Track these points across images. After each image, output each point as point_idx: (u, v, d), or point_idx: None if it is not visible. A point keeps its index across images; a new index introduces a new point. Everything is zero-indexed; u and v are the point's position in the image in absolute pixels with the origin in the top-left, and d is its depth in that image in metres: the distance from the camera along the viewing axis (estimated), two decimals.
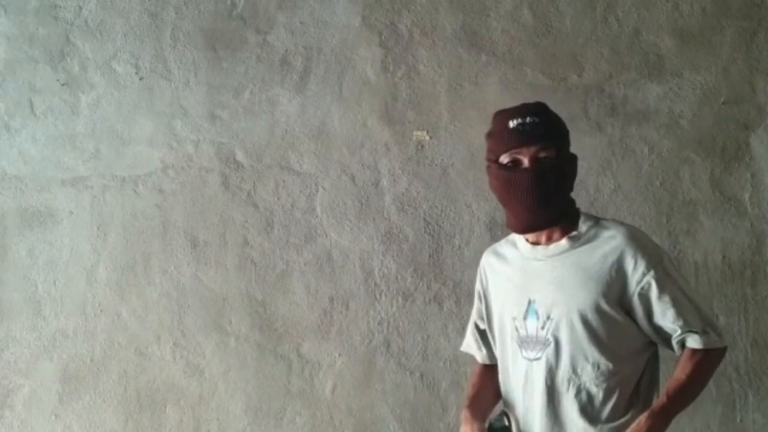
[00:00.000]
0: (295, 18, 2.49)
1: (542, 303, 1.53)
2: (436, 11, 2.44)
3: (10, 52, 2.56)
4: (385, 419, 2.33)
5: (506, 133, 1.53)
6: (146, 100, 2.51)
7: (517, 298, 1.58)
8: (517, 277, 1.60)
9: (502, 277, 1.64)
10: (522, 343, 1.57)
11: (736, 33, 2.35)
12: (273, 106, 2.46)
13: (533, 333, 1.54)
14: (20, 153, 2.52)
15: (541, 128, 1.51)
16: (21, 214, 2.49)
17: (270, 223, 2.42)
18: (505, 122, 1.54)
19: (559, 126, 1.58)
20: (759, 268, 2.27)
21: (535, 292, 1.55)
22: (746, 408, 2.23)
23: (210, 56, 2.50)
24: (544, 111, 1.57)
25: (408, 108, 2.42)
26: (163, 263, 2.43)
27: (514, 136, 1.51)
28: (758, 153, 2.31)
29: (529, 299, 1.55)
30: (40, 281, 2.46)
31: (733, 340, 2.24)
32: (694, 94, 2.34)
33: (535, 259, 1.57)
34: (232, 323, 2.40)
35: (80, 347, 2.42)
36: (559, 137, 1.56)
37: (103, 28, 2.54)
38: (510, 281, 1.61)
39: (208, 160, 2.47)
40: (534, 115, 1.53)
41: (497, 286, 1.66)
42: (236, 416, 2.37)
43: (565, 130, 1.58)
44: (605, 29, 2.39)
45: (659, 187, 2.32)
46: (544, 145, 1.51)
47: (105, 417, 2.39)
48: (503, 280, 1.64)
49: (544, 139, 1.51)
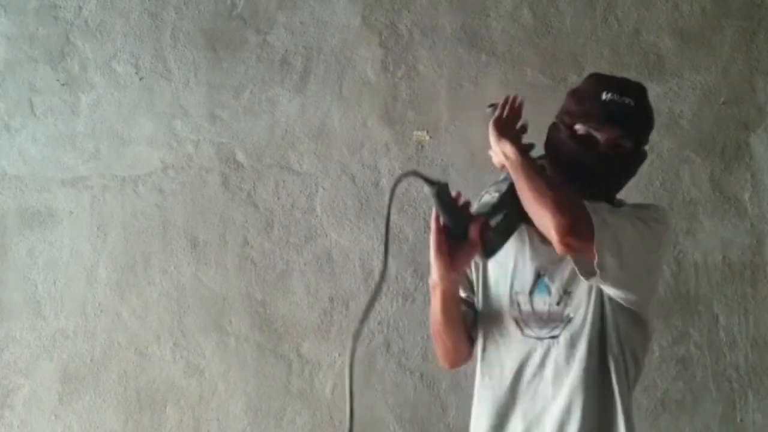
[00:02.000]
0: (295, 18, 2.49)
1: (556, 278, 1.42)
2: (436, 11, 2.44)
3: (10, 52, 2.56)
4: (385, 419, 2.33)
5: (595, 103, 1.38)
6: (146, 100, 2.51)
7: (523, 269, 1.45)
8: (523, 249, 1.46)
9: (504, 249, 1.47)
10: (525, 319, 1.43)
11: (736, 33, 2.35)
12: (273, 106, 2.46)
13: (543, 309, 1.42)
14: (20, 153, 2.52)
15: (632, 114, 1.37)
16: (21, 214, 2.49)
17: (270, 223, 2.42)
18: (599, 90, 1.39)
19: (650, 119, 1.43)
20: (759, 268, 2.27)
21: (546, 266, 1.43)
22: (746, 408, 2.23)
23: (210, 56, 2.50)
24: (642, 96, 1.42)
25: (408, 108, 2.42)
26: (163, 263, 2.43)
27: (602, 110, 1.36)
28: (758, 153, 2.31)
29: (539, 273, 1.43)
30: (40, 281, 2.46)
31: (732, 340, 2.25)
32: (694, 94, 2.35)
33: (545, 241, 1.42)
34: (232, 323, 2.40)
35: (80, 347, 2.42)
36: (644, 131, 1.42)
37: (103, 28, 2.54)
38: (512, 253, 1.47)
39: (208, 160, 2.47)
40: (631, 97, 1.38)
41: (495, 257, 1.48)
42: (236, 416, 2.37)
43: (653, 125, 1.45)
44: (605, 29, 2.39)
45: (659, 187, 2.32)
46: (626, 132, 1.37)
47: (105, 417, 2.39)
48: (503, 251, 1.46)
49: (629, 127, 1.37)
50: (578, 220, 1.27)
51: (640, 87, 1.44)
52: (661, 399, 2.24)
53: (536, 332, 1.42)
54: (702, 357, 2.25)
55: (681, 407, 2.24)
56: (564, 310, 1.40)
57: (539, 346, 1.42)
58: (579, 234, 1.26)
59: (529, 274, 1.44)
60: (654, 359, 2.24)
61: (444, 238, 1.36)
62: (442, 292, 1.41)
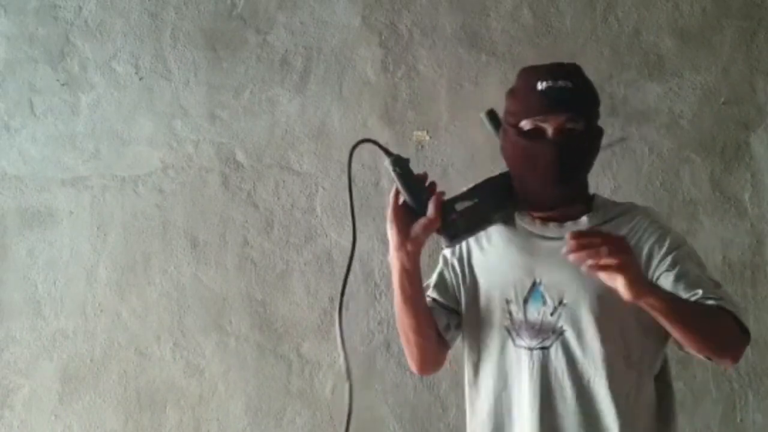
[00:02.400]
0: (295, 18, 2.49)
1: (552, 286, 1.35)
2: (436, 11, 2.44)
3: (10, 52, 2.56)
4: (385, 419, 2.33)
5: (532, 95, 1.33)
6: (146, 100, 2.51)
7: (516, 278, 1.38)
8: (518, 255, 1.40)
9: (491, 254, 1.44)
10: (517, 329, 1.37)
11: (736, 33, 2.35)
12: (273, 106, 2.46)
13: (536, 319, 1.35)
14: (20, 153, 2.52)
15: (572, 95, 1.32)
16: (21, 214, 2.49)
17: (270, 223, 2.42)
18: (532, 82, 1.34)
19: (593, 95, 1.37)
20: (759, 268, 2.27)
21: (543, 273, 1.36)
22: (746, 408, 2.23)
23: (210, 56, 2.50)
24: (577, 75, 1.36)
25: (408, 108, 2.42)
26: (163, 263, 2.43)
27: (541, 100, 1.31)
28: (758, 153, 2.31)
29: (534, 281, 1.36)
30: (40, 281, 2.46)
31: None
32: (694, 94, 2.34)
33: (544, 237, 1.38)
34: (232, 323, 2.40)
35: (80, 347, 2.42)
36: (591, 108, 1.37)
37: (103, 28, 2.54)
38: (505, 259, 1.41)
39: (208, 160, 2.47)
40: (566, 79, 1.32)
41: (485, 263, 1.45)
42: (236, 416, 2.37)
43: (598, 99, 1.38)
44: (605, 29, 2.39)
45: (659, 187, 2.32)
46: (573, 115, 1.32)
47: (105, 417, 2.39)
48: (494, 256, 1.43)
49: (574, 109, 1.32)
50: (743, 346, 1.32)
51: (573, 66, 1.39)
52: None
53: (527, 342, 1.36)
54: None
55: (681, 407, 2.22)
56: (557, 322, 1.35)
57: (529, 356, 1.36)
58: (745, 348, 1.33)
59: (523, 280, 1.38)
60: None
61: (402, 210, 1.31)
62: (397, 268, 1.34)
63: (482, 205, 1.34)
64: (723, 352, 1.29)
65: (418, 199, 1.31)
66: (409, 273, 1.35)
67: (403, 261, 1.33)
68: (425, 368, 1.49)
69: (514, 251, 1.41)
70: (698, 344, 1.26)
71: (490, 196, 1.35)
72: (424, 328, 1.41)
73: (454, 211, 1.32)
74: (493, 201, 1.36)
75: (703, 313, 1.26)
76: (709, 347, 1.26)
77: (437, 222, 1.30)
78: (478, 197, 1.34)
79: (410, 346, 1.43)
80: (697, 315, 1.25)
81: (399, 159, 1.31)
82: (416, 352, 1.43)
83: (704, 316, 1.26)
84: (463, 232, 1.35)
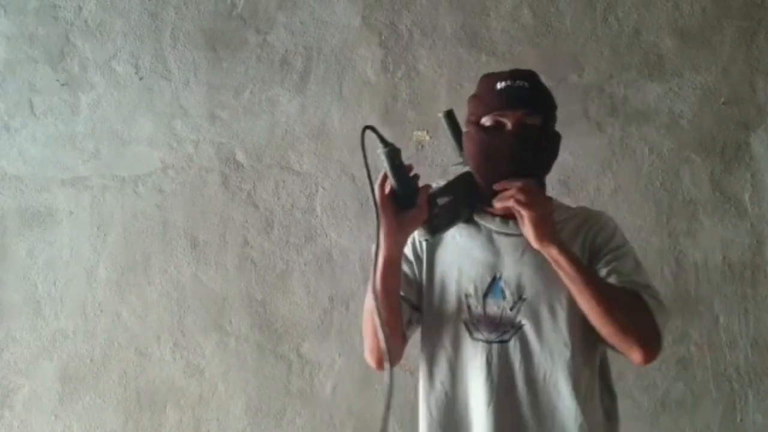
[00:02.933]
0: (295, 18, 2.49)
1: (512, 281, 1.40)
2: (436, 11, 2.44)
3: (10, 52, 2.56)
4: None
5: (492, 94, 1.41)
6: (146, 100, 2.51)
7: (475, 272, 1.43)
8: (479, 250, 1.44)
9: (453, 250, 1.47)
10: (475, 322, 1.41)
11: (736, 33, 2.35)
12: (273, 106, 2.46)
13: (496, 313, 1.40)
14: (20, 153, 2.52)
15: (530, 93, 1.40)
16: (21, 214, 2.49)
17: (270, 223, 2.42)
18: (492, 84, 1.42)
19: (549, 97, 1.45)
20: (759, 268, 2.27)
21: (503, 268, 1.41)
22: (746, 408, 2.23)
23: (210, 56, 2.50)
24: (534, 78, 1.45)
25: (408, 108, 2.42)
26: (163, 263, 2.43)
27: (500, 97, 1.40)
28: (758, 153, 2.31)
29: (495, 276, 1.41)
30: (40, 281, 2.46)
31: (733, 340, 2.25)
32: (694, 94, 2.34)
33: (504, 234, 1.43)
34: (232, 323, 2.40)
35: (80, 347, 2.42)
36: (548, 107, 1.44)
37: (103, 28, 2.54)
38: (466, 255, 1.45)
39: (208, 160, 2.47)
40: (524, 80, 1.41)
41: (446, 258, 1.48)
42: (236, 416, 2.37)
43: (554, 103, 1.46)
44: (605, 29, 2.39)
45: (659, 187, 2.32)
46: (530, 111, 1.39)
47: (105, 417, 2.39)
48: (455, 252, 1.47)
49: (531, 105, 1.40)
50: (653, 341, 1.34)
51: (531, 72, 1.46)
52: (661, 399, 2.24)
53: (485, 335, 1.40)
54: (702, 357, 2.25)
55: (681, 407, 2.24)
56: (516, 316, 1.39)
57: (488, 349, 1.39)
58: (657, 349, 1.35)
59: (483, 275, 1.42)
60: None
61: (389, 198, 1.33)
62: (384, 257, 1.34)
63: (456, 201, 1.41)
64: (630, 339, 1.33)
65: (408, 190, 1.34)
66: (394, 264, 1.38)
67: (391, 250, 1.35)
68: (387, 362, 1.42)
69: (474, 247, 1.45)
70: (602, 321, 1.31)
71: (462, 193, 1.42)
72: (395, 322, 1.42)
73: (436, 206, 1.38)
74: (464, 198, 1.42)
75: (616, 292, 1.33)
76: (615, 328, 1.32)
77: (426, 214, 1.35)
78: (452, 194, 1.40)
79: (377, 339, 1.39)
80: (606, 290, 1.33)
81: (394, 149, 1.34)
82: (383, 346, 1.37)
83: (616, 296, 1.33)
84: (442, 225, 1.41)
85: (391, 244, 1.34)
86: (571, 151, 2.33)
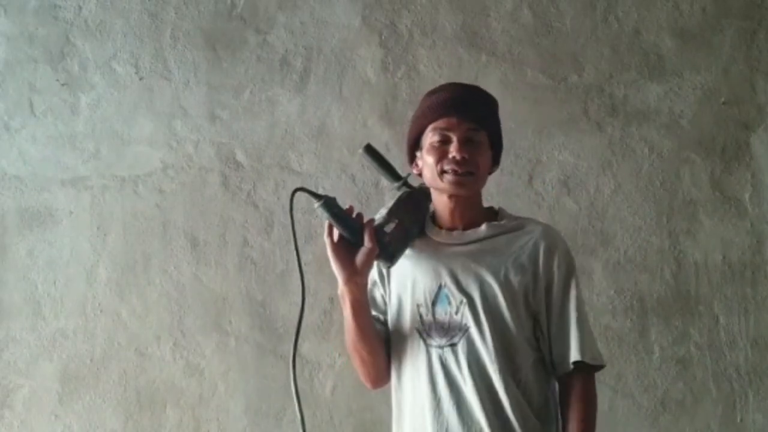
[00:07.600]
0: (295, 18, 2.49)
1: (455, 287, 1.48)
2: (436, 11, 2.45)
3: (10, 52, 2.56)
4: (385, 419, 2.32)
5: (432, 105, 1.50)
6: (146, 100, 2.51)
7: (424, 283, 1.51)
8: (426, 262, 1.52)
9: (406, 264, 1.55)
10: (428, 330, 1.49)
11: (736, 33, 2.35)
12: (273, 106, 2.47)
13: (444, 319, 1.48)
14: (20, 153, 2.52)
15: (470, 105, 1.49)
16: (21, 214, 2.49)
17: (270, 223, 2.42)
18: (427, 97, 1.53)
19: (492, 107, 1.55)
20: (759, 268, 2.27)
21: (446, 276, 1.49)
22: (746, 408, 2.23)
23: (210, 56, 2.50)
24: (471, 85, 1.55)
25: (408, 108, 2.41)
26: (163, 263, 2.43)
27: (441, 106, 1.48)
28: (758, 153, 2.31)
29: (440, 284, 1.49)
30: (40, 281, 2.46)
31: (733, 340, 2.25)
32: (694, 94, 2.35)
33: (448, 244, 1.52)
34: (232, 323, 2.40)
35: (80, 347, 2.42)
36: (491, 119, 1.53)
37: (103, 28, 2.54)
38: (417, 267, 1.53)
39: (208, 160, 2.47)
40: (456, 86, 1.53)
41: (401, 273, 1.56)
42: (236, 416, 2.37)
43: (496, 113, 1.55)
44: (605, 29, 2.39)
45: (659, 187, 2.32)
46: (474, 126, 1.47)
47: (105, 417, 2.39)
48: (407, 266, 1.55)
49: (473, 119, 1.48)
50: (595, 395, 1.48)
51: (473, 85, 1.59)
52: (661, 399, 2.24)
53: (437, 341, 1.48)
54: (702, 357, 2.25)
55: (681, 407, 2.24)
56: (462, 320, 1.46)
57: (440, 354, 1.47)
58: None
59: (430, 285, 1.50)
60: (654, 359, 2.24)
61: (341, 246, 1.44)
62: (350, 301, 1.47)
63: (402, 223, 1.50)
64: None
65: (354, 232, 1.44)
66: (361, 303, 1.49)
67: (354, 293, 1.46)
68: (380, 382, 1.60)
69: (423, 259, 1.53)
70: None
71: (405, 214, 1.52)
72: (376, 347, 1.54)
73: (385, 234, 1.46)
74: (409, 218, 1.53)
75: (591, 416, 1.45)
76: None
77: (376, 248, 1.44)
78: (397, 217, 1.49)
79: (365, 366, 1.55)
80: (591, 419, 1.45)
81: (329, 200, 1.43)
82: (372, 371, 1.56)
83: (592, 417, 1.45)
84: (397, 250, 1.50)
85: (353, 289, 1.46)
86: (571, 151, 2.33)
